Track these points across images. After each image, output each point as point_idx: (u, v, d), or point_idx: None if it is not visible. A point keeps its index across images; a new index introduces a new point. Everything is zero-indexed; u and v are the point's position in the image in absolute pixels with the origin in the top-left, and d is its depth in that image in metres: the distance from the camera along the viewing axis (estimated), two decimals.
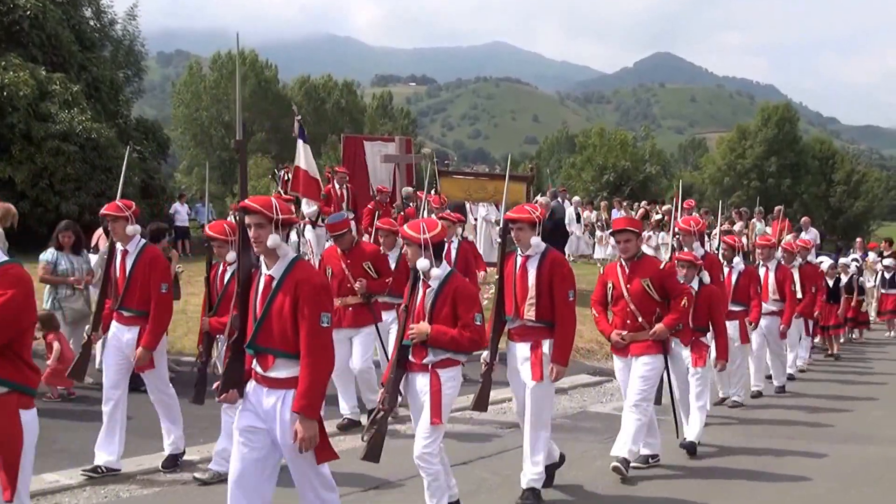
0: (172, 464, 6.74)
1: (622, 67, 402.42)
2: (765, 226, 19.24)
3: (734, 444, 8.11)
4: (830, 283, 14.57)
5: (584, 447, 6.49)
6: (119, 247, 6.64)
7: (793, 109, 57.69)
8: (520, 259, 6.19)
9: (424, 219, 6.03)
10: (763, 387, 10.63)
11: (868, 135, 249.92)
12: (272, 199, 4.47)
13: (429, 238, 5.22)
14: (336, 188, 14.20)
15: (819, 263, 13.64)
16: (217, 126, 54.13)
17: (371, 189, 15.11)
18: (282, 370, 4.36)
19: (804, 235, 19.41)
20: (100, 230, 9.81)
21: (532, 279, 6.07)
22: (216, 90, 54.10)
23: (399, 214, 12.85)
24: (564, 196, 23.63)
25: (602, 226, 22.40)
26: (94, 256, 9.50)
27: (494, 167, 40.19)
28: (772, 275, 10.52)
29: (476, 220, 18.56)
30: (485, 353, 6.05)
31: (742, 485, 6.81)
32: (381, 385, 5.56)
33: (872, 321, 17.42)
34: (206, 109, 53.97)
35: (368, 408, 7.75)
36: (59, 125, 18.79)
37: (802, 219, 21.59)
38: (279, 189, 19.53)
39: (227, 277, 6.61)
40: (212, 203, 28.85)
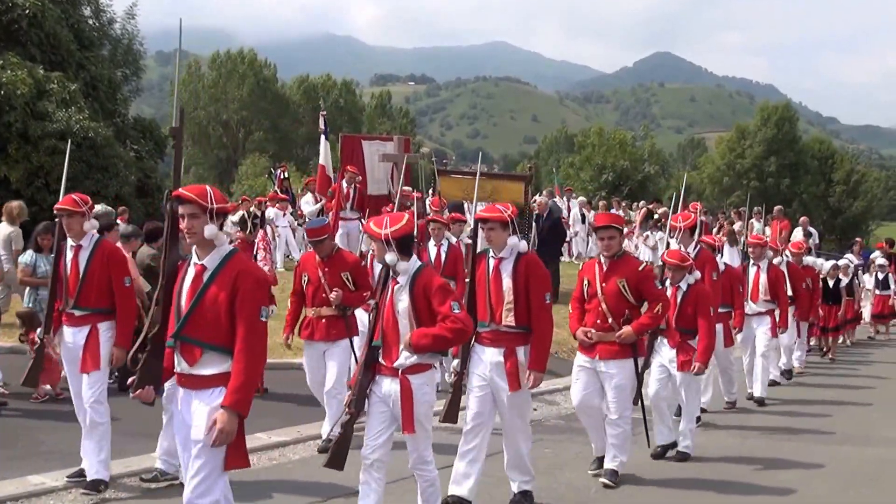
0: (94, 489, 6.03)
1: (622, 67, 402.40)
2: (764, 226, 19.19)
3: (732, 446, 8.08)
4: (831, 284, 14.48)
5: (578, 448, 6.45)
6: (70, 243, 6.24)
7: (792, 109, 57.58)
8: (492, 261, 5.90)
9: (389, 213, 5.64)
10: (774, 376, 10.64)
11: (867, 135, 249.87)
12: (207, 189, 4.27)
13: (390, 233, 4.90)
14: (344, 187, 14.16)
15: (812, 265, 13.42)
16: (215, 125, 54.14)
17: (367, 188, 15.05)
18: (209, 366, 4.16)
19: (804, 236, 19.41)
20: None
21: (508, 283, 5.79)
22: (214, 89, 54.08)
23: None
24: (570, 195, 23.56)
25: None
26: None
27: (493, 167, 40.19)
28: (763, 274, 10.22)
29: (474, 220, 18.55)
30: (454, 362, 5.83)
31: (740, 486, 6.78)
32: (349, 387, 5.24)
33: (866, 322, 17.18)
34: (205, 108, 53.94)
35: (325, 436, 7.29)
36: (57, 124, 18.77)
37: (801, 219, 21.55)
38: (275, 188, 19.56)
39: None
40: None
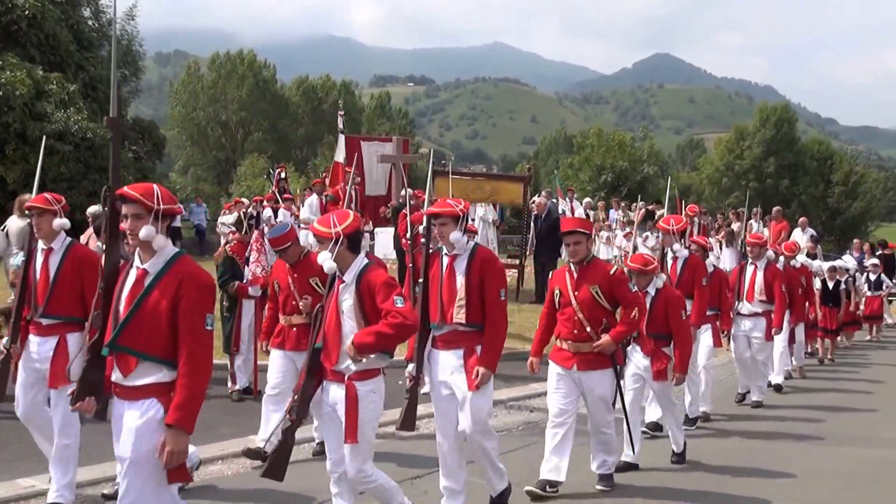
0: None
1: (621, 68, 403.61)
2: (762, 226, 19.17)
3: (729, 448, 8.06)
4: (831, 286, 14.42)
5: (576, 448, 6.41)
6: (41, 246, 5.80)
7: (791, 110, 57.60)
8: (446, 259, 5.63)
9: (335, 210, 5.34)
10: (759, 395, 9.94)
11: (866, 135, 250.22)
12: (154, 188, 4.00)
13: (342, 230, 4.69)
14: (345, 188, 14.16)
15: (808, 265, 13.34)
16: (214, 126, 54.10)
17: (366, 189, 15.10)
18: (144, 376, 3.88)
19: (803, 236, 19.40)
20: (89, 231, 9.62)
21: (461, 280, 5.51)
22: (213, 90, 54.06)
23: (401, 212, 12.77)
24: (572, 196, 23.55)
25: (600, 227, 22.31)
26: None
27: (492, 167, 40.22)
28: (760, 273, 9.91)
29: (474, 221, 18.57)
30: (410, 367, 5.58)
31: (739, 488, 6.75)
32: (294, 393, 4.95)
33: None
34: (203, 109, 53.91)
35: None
36: (55, 125, 18.78)
37: (800, 219, 21.53)
38: (273, 189, 19.54)
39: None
40: (206, 204, 28.83)
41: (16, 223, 10.03)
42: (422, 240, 5.91)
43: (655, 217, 19.25)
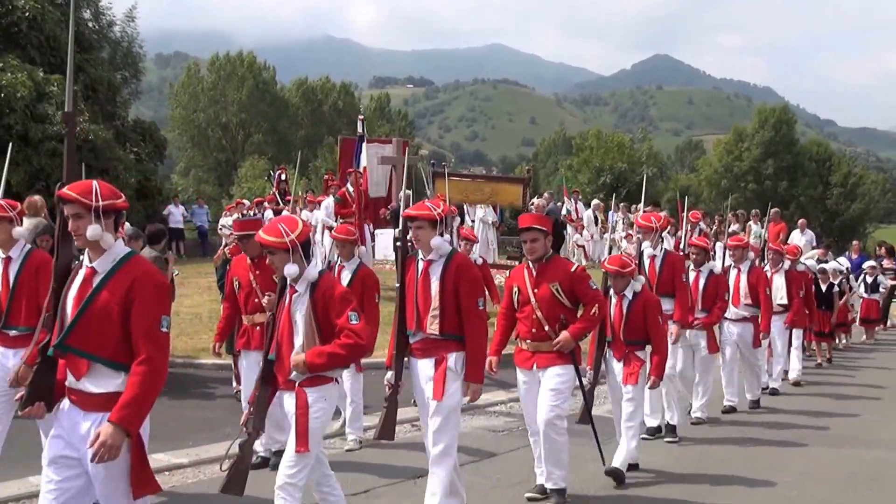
0: None
1: (620, 69, 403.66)
2: (761, 228, 19.21)
3: (729, 449, 8.08)
4: (824, 288, 14.36)
5: (577, 450, 6.43)
6: None
7: (790, 111, 57.65)
8: (421, 264, 5.45)
9: (282, 217, 5.12)
10: (737, 401, 9.66)
11: (865, 137, 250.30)
12: (93, 185, 3.81)
13: (295, 238, 4.56)
14: (350, 190, 14.19)
15: (807, 269, 13.32)
16: (214, 128, 54.15)
17: (368, 190, 15.13)
18: (98, 382, 3.68)
19: (801, 237, 19.44)
20: None
21: (435, 286, 5.35)
22: (213, 91, 54.10)
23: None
24: (577, 198, 23.55)
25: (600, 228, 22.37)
26: None
27: (491, 169, 40.25)
28: (743, 277, 9.71)
29: (473, 222, 18.63)
30: (388, 374, 5.48)
31: (738, 489, 6.78)
32: (249, 404, 4.83)
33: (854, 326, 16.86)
34: (204, 111, 53.96)
35: (273, 448, 6.77)
36: (57, 126, 18.80)
37: (799, 221, 21.57)
38: (274, 191, 19.60)
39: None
40: (207, 205, 28.87)
41: (29, 223, 10.08)
42: (397, 243, 5.79)
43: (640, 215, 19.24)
